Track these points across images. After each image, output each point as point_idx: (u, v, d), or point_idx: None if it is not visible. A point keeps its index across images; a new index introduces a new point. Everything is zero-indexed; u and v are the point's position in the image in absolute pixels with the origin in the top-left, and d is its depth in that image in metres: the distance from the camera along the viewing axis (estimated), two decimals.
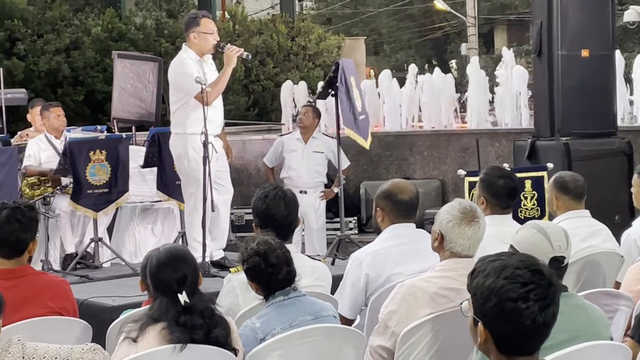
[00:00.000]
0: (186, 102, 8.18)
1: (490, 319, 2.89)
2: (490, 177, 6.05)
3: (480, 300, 2.91)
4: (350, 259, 5.64)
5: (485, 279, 2.91)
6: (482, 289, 2.91)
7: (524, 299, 2.84)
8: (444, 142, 11.22)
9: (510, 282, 2.86)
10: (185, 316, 4.13)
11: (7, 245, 4.82)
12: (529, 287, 2.86)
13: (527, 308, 2.83)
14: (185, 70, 8.18)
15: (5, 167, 8.48)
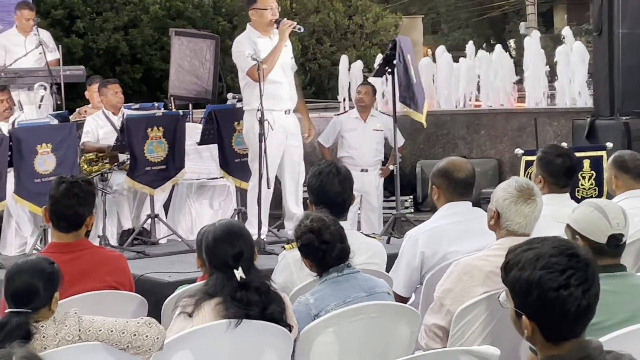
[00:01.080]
0: (249, 79, 8.31)
1: (534, 311, 2.85)
2: (548, 155, 5.98)
3: (520, 294, 2.86)
4: (405, 237, 5.61)
5: (522, 272, 2.86)
6: (520, 283, 2.86)
7: (565, 286, 2.79)
8: (501, 120, 11.12)
9: (548, 272, 2.81)
10: (241, 292, 4.15)
11: (65, 219, 4.87)
12: (568, 274, 2.81)
13: (570, 295, 2.79)
14: (238, 49, 8.42)
15: (65, 144, 8.53)
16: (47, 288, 3.96)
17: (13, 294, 3.95)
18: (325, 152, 9.91)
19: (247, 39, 8.48)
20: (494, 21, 33.77)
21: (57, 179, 5.00)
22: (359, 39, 20.48)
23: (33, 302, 3.92)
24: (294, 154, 8.64)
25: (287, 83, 8.50)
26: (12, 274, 3.98)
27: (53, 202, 4.89)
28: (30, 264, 3.99)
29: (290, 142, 8.59)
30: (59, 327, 3.93)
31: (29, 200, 8.38)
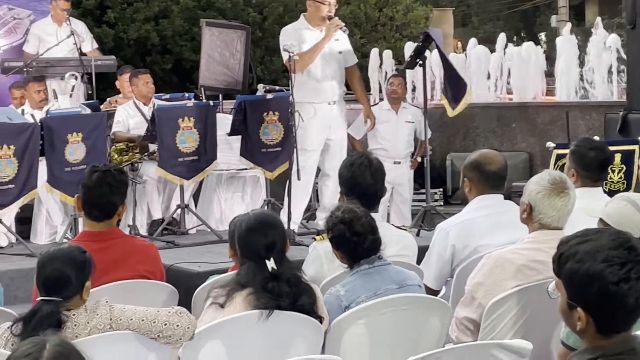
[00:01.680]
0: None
1: (592, 304, 2.83)
2: (581, 148, 5.94)
3: (579, 287, 2.84)
4: (436, 229, 5.59)
5: (580, 265, 2.83)
6: (578, 275, 2.83)
7: (625, 279, 2.78)
8: (532, 114, 11.04)
9: (609, 266, 2.79)
10: (272, 283, 4.14)
11: (97, 208, 4.88)
12: (628, 267, 2.79)
13: (630, 288, 2.78)
14: (281, 39, 8.70)
15: (95, 133, 8.56)
16: (79, 277, 3.96)
17: (45, 282, 3.95)
18: (356, 144, 9.90)
19: (293, 29, 8.76)
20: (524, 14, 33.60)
21: (90, 167, 5.01)
22: (389, 31, 20.42)
23: (64, 291, 3.92)
24: (336, 146, 8.76)
25: (331, 75, 8.70)
26: (44, 262, 3.99)
27: (86, 190, 4.89)
28: (62, 253, 4.00)
29: (332, 134, 8.77)
30: (91, 316, 3.94)
31: (59, 189, 8.43)
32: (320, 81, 8.64)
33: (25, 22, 11.89)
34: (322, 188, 8.91)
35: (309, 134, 8.58)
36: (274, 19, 19.21)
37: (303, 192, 8.67)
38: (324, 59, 8.67)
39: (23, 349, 2.39)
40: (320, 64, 8.63)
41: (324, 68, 8.65)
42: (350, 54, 9.06)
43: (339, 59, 8.85)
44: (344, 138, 8.98)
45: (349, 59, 9.01)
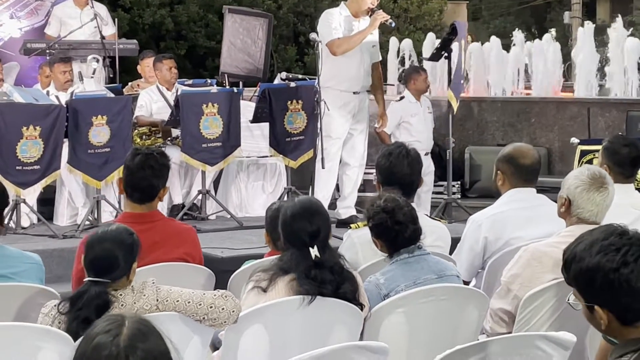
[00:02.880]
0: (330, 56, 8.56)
1: (603, 297, 2.85)
2: (614, 145, 5.95)
3: (585, 285, 2.88)
4: (468, 221, 5.62)
5: (580, 263, 2.88)
6: (582, 274, 2.88)
7: (624, 263, 2.81)
8: (552, 109, 11.06)
9: (604, 255, 2.84)
10: (315, 270, 4.17)
11: (139, 191, 4.91)
12: (623, 251, 2.84)
13: (632, 271, 2.81)
14: (327, 19, 8.70)
15: (120, 116, 8.58)
16: (127, 258, 4.00)
17: (93, 263, 3.99)
18: (387, 138, 9.89)
19: (338, 13, 8.74)
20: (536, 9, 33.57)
21: (133, 150, 5.05)
22: (402, 23, 20.41)
23: (113, 272, 3.96)
24: (358, 136, 8.82)
25: (362, 66, 8.73)
26: (92, 243, 4.02)
27: (128, 173, 4.93)
28: (111, 234, 4.03)
29: (355, 124, 8.79)
30: (137, 297, 3.97)
31: (82, 171, 8.45)
32: (350, 70, 8.66)
33: (47, 3, 11.90)
34: (343, 178, 8.92)
35: (333, 120, 8.62)
36: (289, 8, 19.22)
37: (327, 179, 8.69)
38: (359, 49, 8.68)
39: (102, 326, 2.42)
40: (353, 52, 8.63)
41: (356, 58, 8.65)
42: (378, 50, 9.09)
43: (372, 52, 8.89)
44: (366, 129, 8.97)
45: (376, 55, 9.03)
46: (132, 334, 2.40)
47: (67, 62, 9.47)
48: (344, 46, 8.56)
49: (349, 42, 8.56)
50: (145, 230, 4.49)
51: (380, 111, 9.17)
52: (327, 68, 8.54)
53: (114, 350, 2.37)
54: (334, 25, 8.56)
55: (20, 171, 8.10)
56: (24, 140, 8.09)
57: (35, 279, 4.59)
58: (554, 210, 4.91)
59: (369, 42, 8.77)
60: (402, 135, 9.97)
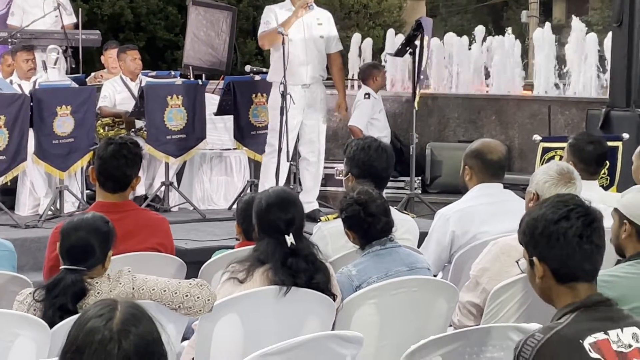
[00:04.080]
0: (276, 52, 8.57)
1: (541, 247, 2.97)
2: (580, 142, 6.05)
3: (528, 235, 3.02)
4: (436, 215, 5.67)
5: (529, 215, 3.05)
6: (527, 224, 3.01)
7: (566, 217, 2.94)
8: (513, 107, 11.17)
9: (551, 207, 2.98)
10: (291, 258, 4.20)
11: (112, 180, 4.92)
12: (569, 208, 2.96)
13: (571, 227, 2.93)
14: (263, 14, 8.72)
15: (84, 107, 8.55)
16: (102, 246, 4.02)
17: (69, 251, 4.00)
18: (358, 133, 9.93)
19: (276, 8, 8.74)
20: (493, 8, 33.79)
21: (106, 140, 5.06)
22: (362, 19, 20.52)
23: (88, 260, 3.97)
24: (312, 130, 8.72)
25: (308, 59, 8.60)
26: (68, 231, 4.03)
27: (101, 162, 4.93)
28: (87, 222, 4.04)
29: (307, 118, 8.69)
30: (114, 285, 3.99)
31: (47, 162, 8.42)
32: (295, 64, 8.50)
33: None
34: (303, 172, 8.89)
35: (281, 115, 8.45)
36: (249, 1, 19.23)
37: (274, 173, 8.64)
38: (302, 41, 8.57)
39: (95, 310, 2.44)
40: (296, 45, 8.51)
41: (300, 51, 8.53)
42: (334, 40, 8.93)
43: (320, 43, 8.75)
44: (320, 122, 8.85)
45: (332, 45, 8.89)
46: (125, 318, 2.42)
47: (29, 50, 9.42)
48: (266, 38, 8.57)
49: (271, 33, 8.50)
50: (119, 220, 4.49)
51: (340, 101, 9.09)
52: (273, 62, 8.59)
53: (107, 335, 2.39)
54: (266, 20, 8.57)
55: None
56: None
57: (7, 266, 4.60)
58: (521, 205, 4.99)
59: (314, 34, 8.65)
60: (371, 131, 10.03)
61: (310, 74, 8.65)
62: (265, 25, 8.60)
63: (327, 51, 8.83)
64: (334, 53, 8.94)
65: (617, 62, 9.34)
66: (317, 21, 8.73)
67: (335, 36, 8.98)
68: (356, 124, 10.15)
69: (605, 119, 9.15)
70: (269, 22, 8.58)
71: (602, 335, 2.87)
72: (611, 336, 2.88)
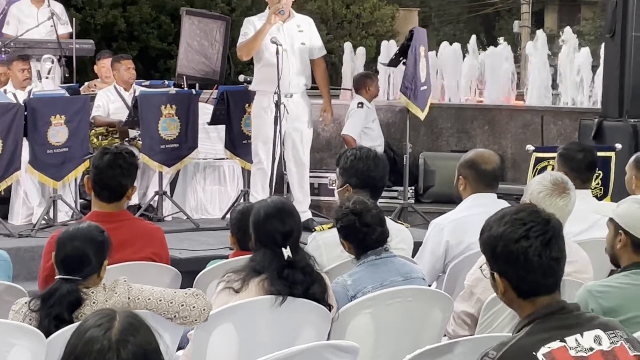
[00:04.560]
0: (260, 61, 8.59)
1: (501, 264, 3.03)
2: (569, 151, 6.08)
3: (489, 251, 3.06)
4: (431, 225, 5.68)
5: (489, 232, 3.04)
6: (487, 240, 3.05)
7: (525, 237, 2.98)
8: (505, 117, 11.20)
9: (510, 226, 3.02)
10: (287, 270, 4.21)
11: (108, 189, 4.92)
12: (527, 226, 3.00)
13: (530, 246, 2.97)
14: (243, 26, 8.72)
15: (78, 116, 8.56)
16: (98, 256, 4.02)
17: (64, 261, 4.00)
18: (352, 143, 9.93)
19: (255, 18, 8.73)
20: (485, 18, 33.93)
21: (101, 149, 5.06)
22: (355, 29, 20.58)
23: (84, 269, 3.98)
24: (295, 138, 8.66)
25: (290, 68, 8.51)
26: (63, 241, 4.03)
27: (97, 172, 4.93)
28: (82, 232, 4.05)
29: (291, 127, 8.61)
30: (109, 294, 3.99)
31: (41, 172, 8.42)
32: (275, 73, 8.40)
33: (2, 1, 11.79)
34: (291, 181, 8.85)
35: (264, 124, 8.52)
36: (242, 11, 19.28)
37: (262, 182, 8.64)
38: (283, 52, 8.46)
39: (93, 320, 2.45)
40: (276, 54, 8.41)
41: (281, 61, 8.40)
42: (317, 46, 8.83)
43: (302, 51, 8.66)
44: (305, 131, 8.78)
45: (315, 51, 8.80)
46: (124, 328, 2.43)
47: (25, 59, 9.44)
48: (244, 49, 8.56)
49: (248, 43, 8.49)
50: (114, 229, 4.49)
51: (325, 105, 9.00)
52: (257, 72, 8.63)
53: (106, 344, 2.40)
54: (245, 31, 8.55)
55: None
56: None
57: (3, 276, 4.60)
58: None
59: (295, 42, 8.58)
60: (364, 141, 10.05)
61: (295, 84, 8.56)
62: (243, 37, 8.59)
63: (310, 57, 8.75)
64: (318, 58, 8.84)
65: (610, 73, 9.38)
66: (298, 28, 8.67)
67: (318, 41, 8.88)
68: (349, 133, 10.17)
69: (597, 129, 9.18)
70: (247, 33, 8.56)
71: (557, 344, 2.90)
72: (568, 342, 2.91)
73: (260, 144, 8.58)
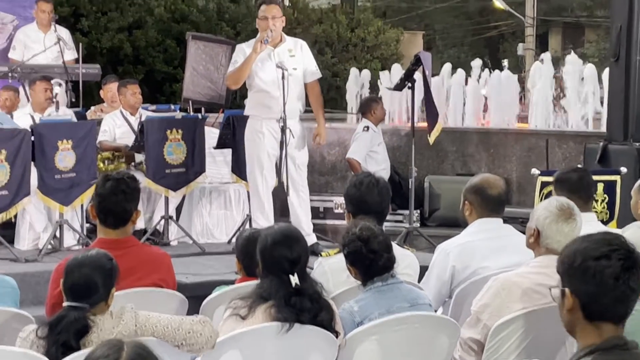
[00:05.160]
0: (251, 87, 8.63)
1: (575, 280, 2.98)
2: (562, 174, 6.11)
3: (565, 265, 3.01)
4: (437, 250, 5.69)
5: (570, 248, 3.03)
6: (567, 255, 3.01)
7: (606, 256, 2.93)
8: (510, 140, 11.21)
9: (594, 243, 2.98)
10: (295, 298, 4.21)
11: (112, 216, 4.93)
12: (612, 247, 2.96)
13: (610, 266, 2.92)
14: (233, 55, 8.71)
15: (85, 141, 8.58)
16: (106, 283, 4.04)
17: (72, 288, 4.01)
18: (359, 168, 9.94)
19: (245, 46, 8.68)
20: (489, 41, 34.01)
21: (103, 176, 5.07)
22: (360, 52, 20.58)
23: (92, 297, 3.99)
24: (294, 162, 8.59)
25: (282, 93, 8.36)
26: (71, 268, 4.04)
27: (101, 199, 4.93)
28: (90, 259, 4.06)
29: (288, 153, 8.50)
30: (116, 322, 4.00)
31: (50, 197, 8.45)
32: (269, 98, 8.44)
33: (9, 27, 11.89)
34: (289, 206, 8.74)
35: (258, 149, 8.52)
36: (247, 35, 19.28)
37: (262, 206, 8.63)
38: (271, 74, 8.43)
39: (101, 351, 2.47)
40: (268, 79, 8.43)
41: (273, 86, 8.40)
42: (310, 70, 8.73)
43: (294, 77, 8.56)
44: (302, 155, 8.71)
45: (308, 75, 8.70)
46: (131, 359, 2.44)
47: (48, 80, 9.52)
48: (232, 77, 8.55)
49: (235, 72, 8.47)
50: (120, 256, 4.50)
51: (318, 129, 8.87)
52: (249, 97, 8.63)
53: None
54: (235, 59, 8.53)
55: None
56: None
57: (10, 303, 4.61)
58: (521, 240, 5.02)
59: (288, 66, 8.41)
60: (370, 164, 10.07)
61: (289, 108, 8.40)
62: (232, 65, 8.57)
63: (304, 80, 8.68)
64: (312, 82, 8.74)
65: (614, 97, 9.38)
66: (289, 53, 8.59)
67: (311, 64, 8.77)
68: (354, 156, 10.20)
69: (603, 153, 9.16)
70: (236, 61, 8.52)
71: None
72: None
73: (257, 169, 8.56)
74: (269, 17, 8.47)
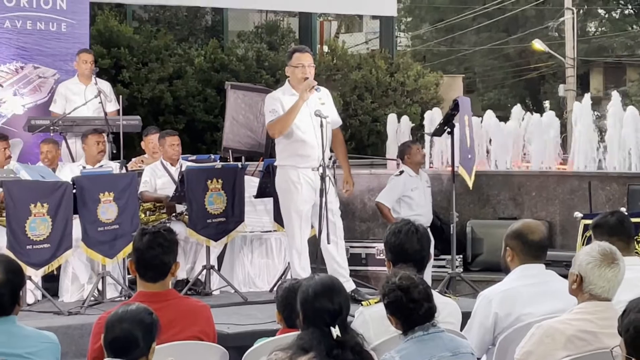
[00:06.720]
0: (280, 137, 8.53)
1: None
2: (599, 219, 5.97)
3: (631, 336, 2.92)
4: (479, 297, 5.64)
5: (637, 314, 2.91)
6: (634, 323, 2.91)
7: None
8: (552, 183, 11.15)
9: None
10: (337, 350, 4.17)
11: (151, 269, 4.93)
12: None
13: None
14: (267, 103, 8.59)
15: (126, 193, 8.65)
16: (146, 338, 4.03)
17: (112, 343, 4.02)
18: (388, 213, 9.92)
19: (278, 94, 8.60)
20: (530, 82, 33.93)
21: (140, 230, 5.07)
22: (399, 97, 20.56)
23: (132, 353, 3.99)
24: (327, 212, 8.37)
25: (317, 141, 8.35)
26: (112, 323, 4.05)
27: (139, 254, 4.94)
28: (131, 314, 4.06)
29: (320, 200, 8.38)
30: None
31: (93, 249, 8.51)
32: (308, 147, 8.39)
33: (50, 80, 12.02)
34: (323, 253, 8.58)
35: (295, 198, 8.43)
36: None
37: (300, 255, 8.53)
38: (310, 125, 8.39)
39: None
40: (306, 128, 8.38)
41: (310, 134, 8.37)
42: (335, 118, 8.71)
43: (335, 121, 8.60)
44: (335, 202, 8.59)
45: (333, 123, 8.63)
46: None
47: (100, 133, 9.64)
48: (277, 126, 8.37)
49: (281, 121, 8.32)
50: (160, 309, 4.50)
51: (345, 175, 8.81)
52: (282, 147, 8.50)
53: None
54: (272, 108, 8.38)
55: (31, 250, 8.16)
56: (32, 218, 8.16)
57: (51, 358, 4.61)
58: (564, 286, 4.97)
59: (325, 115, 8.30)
60: (403, 209, 10.01)
61: (322, 156, 8.32)
62: (271, 114, 8.40)
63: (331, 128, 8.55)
64: (336, 129, 8.70)
65: None
66: (320, 101, 8.51)
67: (335, 112, 8.75)
68: (381, 200, 10.18)
69: None
70: (275, 110, 8.38)
71: None
72: None
73: (295, 221, 8.45)
74: (306, 64, 8.48)
